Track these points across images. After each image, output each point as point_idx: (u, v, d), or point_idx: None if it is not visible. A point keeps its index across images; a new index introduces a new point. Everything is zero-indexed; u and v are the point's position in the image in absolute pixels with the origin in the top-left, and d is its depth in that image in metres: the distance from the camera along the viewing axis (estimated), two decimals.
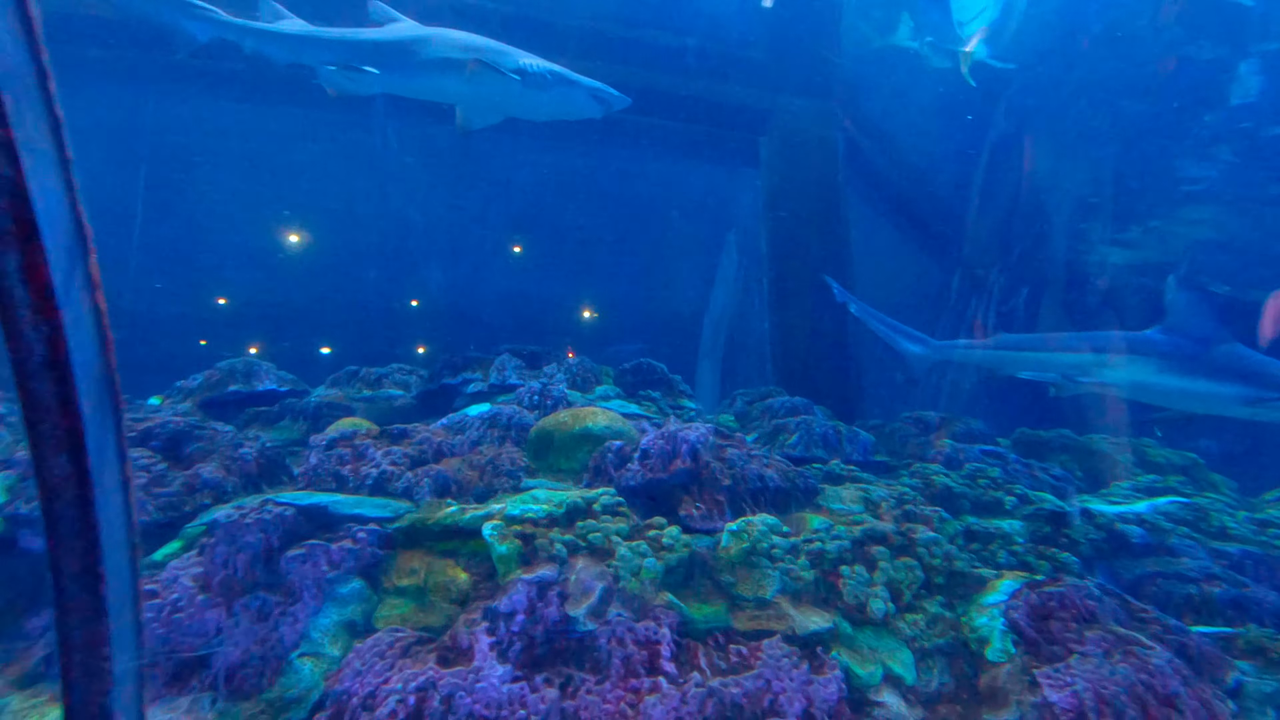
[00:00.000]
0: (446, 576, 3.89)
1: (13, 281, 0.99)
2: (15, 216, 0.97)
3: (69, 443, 1.13)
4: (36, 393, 1.09)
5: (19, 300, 1.00)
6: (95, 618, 1.30)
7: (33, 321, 1.02)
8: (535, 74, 6.34)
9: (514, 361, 7.64)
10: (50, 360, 1.05)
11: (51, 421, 1.11)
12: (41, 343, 1.04)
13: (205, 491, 4.83)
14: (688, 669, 3.21)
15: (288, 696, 3.52)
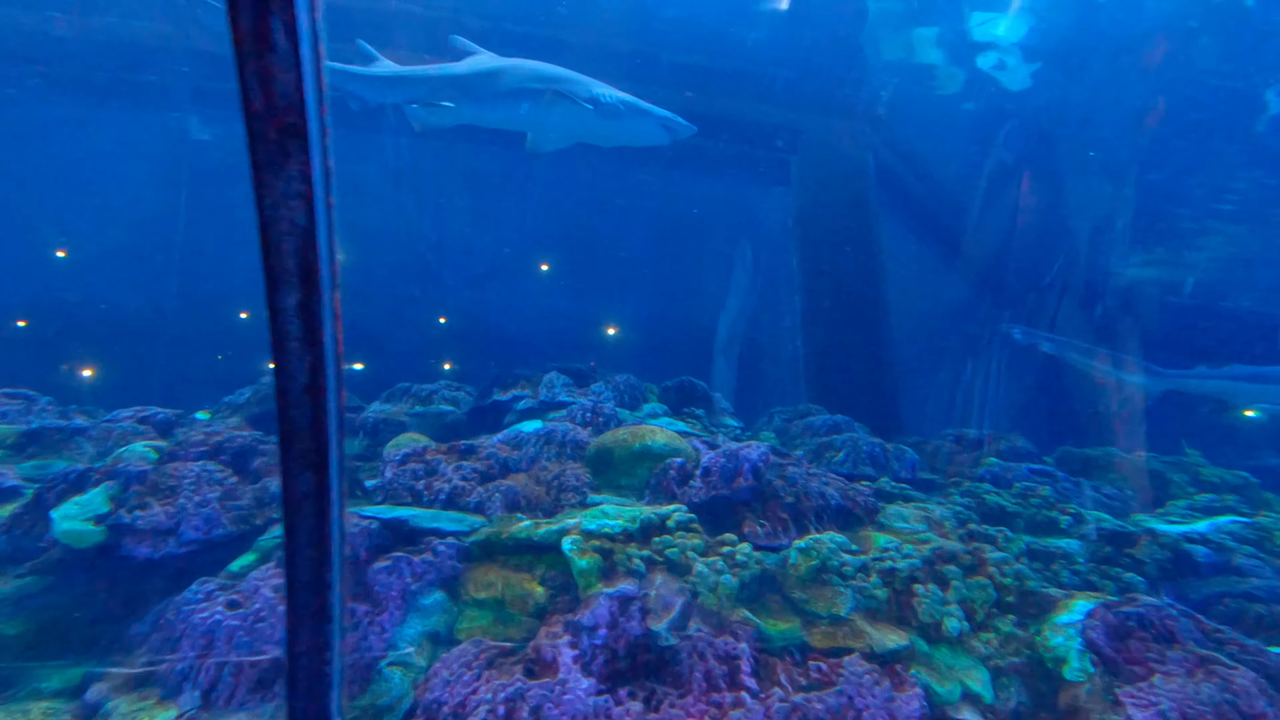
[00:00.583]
0: (523, 590, 4.01)
1: (289, 318, 1.15)
2: (302, 260, 1.13)
3: (315, 461, 1.29)
4: (294, 417, 1.24)
5: (291, 334, 1.16)
6: (321, 625, 1.45)
7: (299, 353, 1.18)
8: (608, 103, 6.56)
9: (562, 379, 7.80)
10: (309, 387, 1.21)
11: (303, 443, 1.27)
12: (304, 372, 1.19)
13: (274, 505, 5.00)
14: (768, 684, 3.29)
15: (380, 704, 3.65)
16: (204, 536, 4.57)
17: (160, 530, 4.48)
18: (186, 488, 4.68)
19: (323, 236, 1.31)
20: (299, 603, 1.53)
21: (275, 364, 1.25)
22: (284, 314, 1.14)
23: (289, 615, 1.58)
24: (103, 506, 4.50)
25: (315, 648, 1.54)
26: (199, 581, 4.27)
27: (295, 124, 1.08)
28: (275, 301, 1.18)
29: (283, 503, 1.43)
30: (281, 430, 1.29)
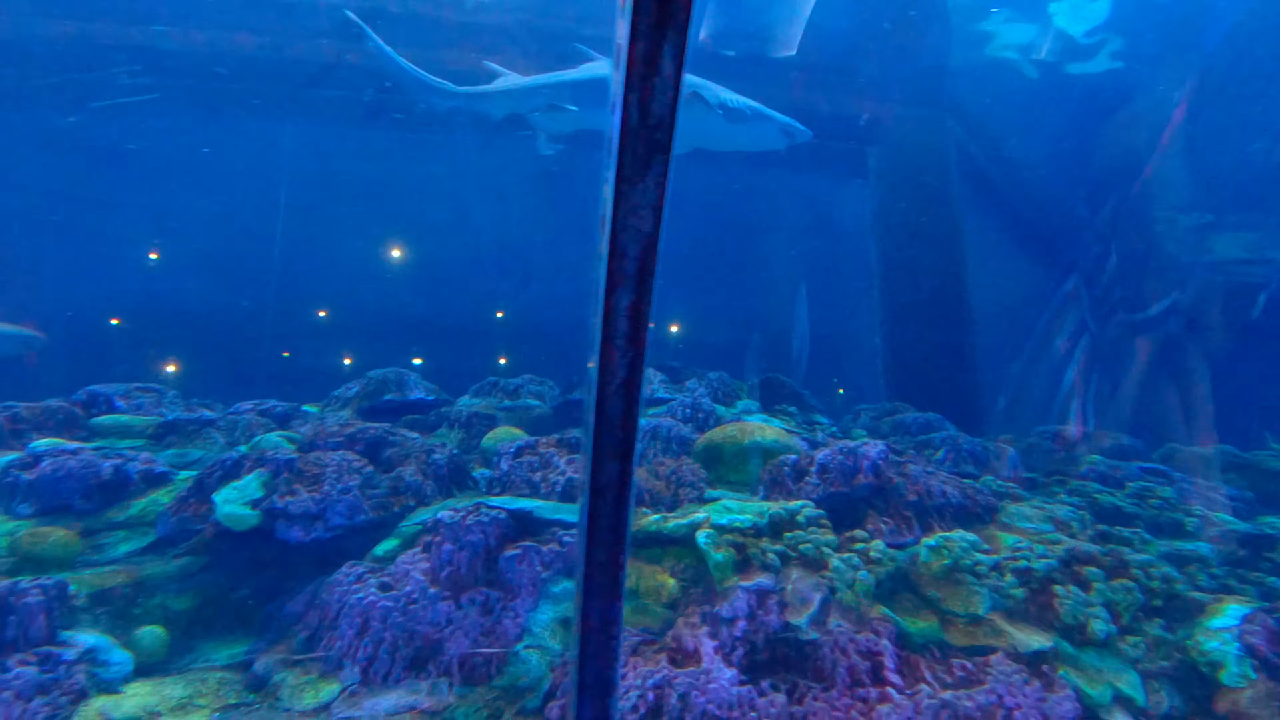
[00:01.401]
0: (655, 581, 4.15)
1: (620, 318, 1.26)
2: (641, 265, 1.24)
3: (622, 451, 1.41)
4: (609, 410, 1.36)
5: (619, 332, 1.28)
6: (612, 601, 1.58)
7: (623, 350, 1.29)
8: (735, 108, 6.66)
9: (659, 375, 7.93)
10: (626, 382, 1.32)
11: (614, 434, 1.39)
12: (625, 368, 1.31)
13: (409, 493, 5.30)
14: (913, 681, 3.33)
15: (520, 685, 3.86)
16: (347, 522, 4.88)
17: (309, 515, 4.82)
18: (330, 476, 5.01)
19: (660, 244, 1.44)
20: (594, 580, 1.69)
21: (599, 359, 1.39)
22: (616, 314, 1.27)
23: (584, 593, 1.74)
24: (257, 492, 4.87)
25: (606, 620, 1.70)
26: (349, 564, 4.58)
27: (663, 141, 1.20)
28: (610, 302, 1.32)
29: (588, 488, 1.58)
30: (596, 421, 1.43)
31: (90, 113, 12.53)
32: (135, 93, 12.32)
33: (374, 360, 11.74)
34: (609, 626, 1.70)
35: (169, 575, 4.91)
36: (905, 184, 13.31)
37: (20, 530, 5.11)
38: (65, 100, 12.41)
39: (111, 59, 11.62)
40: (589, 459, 1.49)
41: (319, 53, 12.79)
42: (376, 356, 14.61)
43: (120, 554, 5.19)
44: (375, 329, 16.20)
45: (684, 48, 1.10)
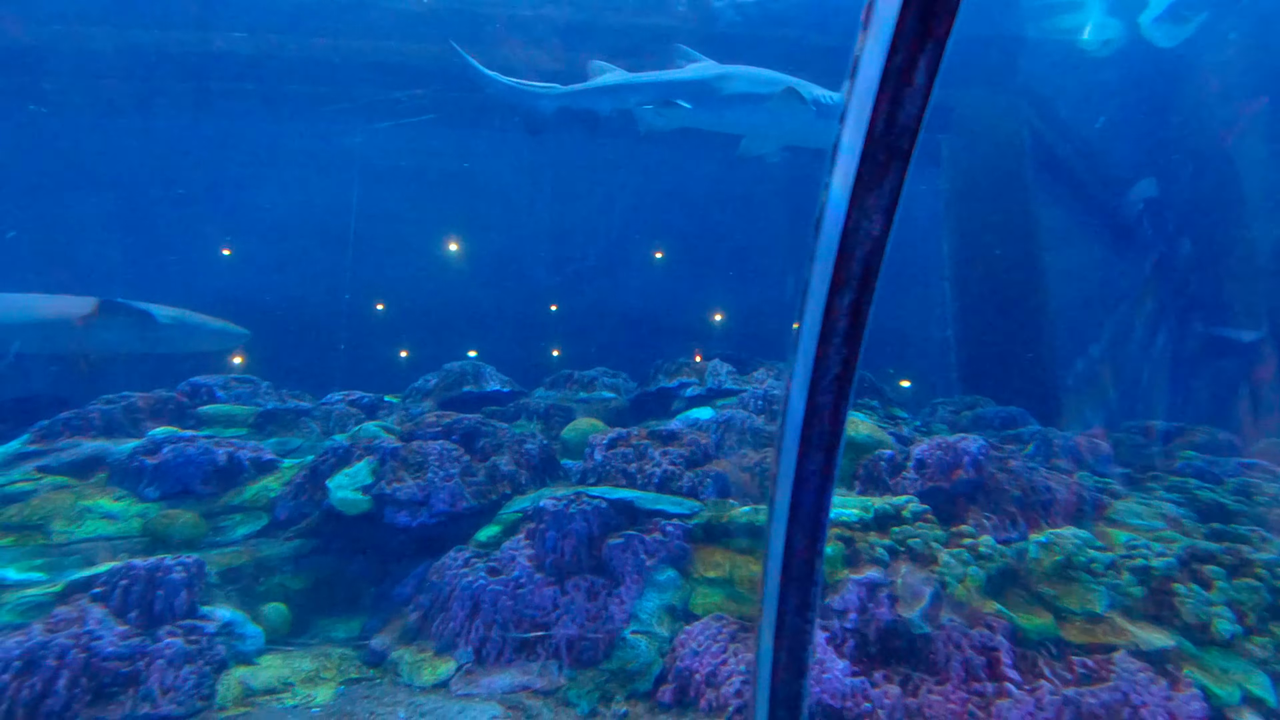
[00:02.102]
0: (750, 571, 4.22)
1: (840, 315, 1.32)
2: (866, 266, 1.29)
3: (828, 444, 1.47)
4: (820, 403, 1.42)
5: (838, 330, 1.33)
6: (808, 587, 1.65)
7: (839, 347, 1.35)
8: (830, 105, 6.69)
9: (726, 366, 7.97)
10: (839, 377, 1.38)
11: (822, 427, 1.45)
12: (839, 363, 1.37)
13: (505, 482, 5.49)
14: (1031, 677, 3.32)
15: (630, 669, 3.98)
16: (450, 509, 5.10)
17: (415, 501, 5.05)
18: (432, 464, 5.23)
19: (887, 247, 1.50)
20: (792, 566, 1.77)
21: (815, 354, 1.46)
22: (836, 312, 1.34)
23: (781, 579, 1.82)
24: (367, 479, 5.12)
25: (801, 605, 1.78)
26: (455, 549, 4.78)
27: (904, 148, 1.25)
28: (831, 301, 1.38)
29: (790, 478, 1.65)
30: (805, 414, 1.51)
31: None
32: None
33: (431, 353, 12.08)
34: (805, 611, 1.79)
35: (284, 556, 5.21)
36: (978, 171, 12.95)
37: (150, 512, 5.50)
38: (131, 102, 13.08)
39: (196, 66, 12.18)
40: (794, 450, 1.57)
41: (392, 54, 13.21)
42: (435, 349, 15.06)
43: (238, 536, 5.53)
44: (431, 322, 16.64)
45: (940, 60, 1.15)
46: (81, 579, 4.19)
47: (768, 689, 1.91)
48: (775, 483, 1.72)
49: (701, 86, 7.01)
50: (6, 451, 6.01)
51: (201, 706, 3.82)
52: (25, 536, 5.06)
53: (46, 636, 3.71)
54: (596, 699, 3.83)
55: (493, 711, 3.78)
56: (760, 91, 6.74)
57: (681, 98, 7.03)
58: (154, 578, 4.19)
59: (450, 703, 3.89)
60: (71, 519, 5.25)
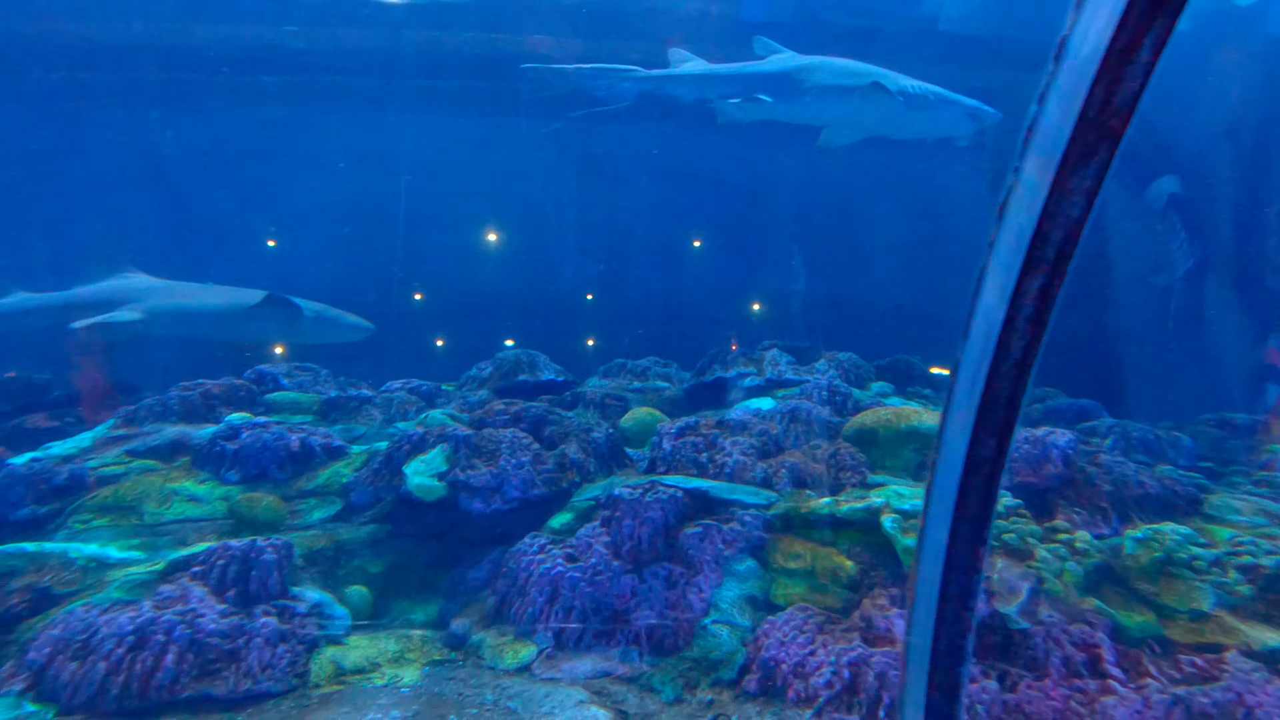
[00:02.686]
0: (833, 563, 4.19)
1: (1028, 299, 1.26)
2: (1060, 250, 1.23)
3: (1002, 430, 1.42)
4: (997, 389, 1.37)
5: (1023, 314, 1.28)
6: (972, 575, 1.61)
7: (1023, 331, 1.29)
8: (916, 95, 6.58)
9: (785, 357, 7.90)
10: (1020, 363, 1.32)
11: (998, 413, 1.40)
12: (1021, 349, 1.31)
13: (574, 470, 5.54)
14: (1135, 675, 3.25)
15: (712, 657, 4.00)
16: (522, 495, 5.16)
17: (489, 488, 5.12)
18: (504, 451, 5.29)
19: (1084, 230, 1.44)
20: (956, 552, 1.74)
21: (1000, 339, 1.42)
22: (1024, 295, 1.29)
23: (945, 563, 1.79)
24: (442, 465, 5.21)
25: (964, 592, 1.75)
26: (530, 535, 4.85)
27: (1116, 129, 1.19)
28: (1021, 284, 1.34)
29: (961, 463, 1.62)
30: (983, 399, 1.47)
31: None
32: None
33: (469, 343, 12.13)
34: (966, 599, 1.76)
35: (361, 540, 5.34)
36: None
37: (232, 495, 5.68)
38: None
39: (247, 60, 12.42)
40: (963, 436, 1.53)
41: (437, 45, 13.33)
42: (470, 338, 15.23)
43: (315, 520, 5.68)
44: (470, 312, 16.78)
45: (1169, 35, 1.10)
46: (181, 558, 4.35)
47: (924, 677, 1.89)
48: (935, 469, 1.69)
49: (784, 79, 6.93)
50: (97, 435, 6.26)
51: (297, 684, 3.94)
52: (120, 517, 5.27)
53: (155, 613, 3.86)
54: (680, 686, 3.86)
55: (579, 696, 3.83)
56: (845, 84, 6.63)
57: (764, 90, 6.95)
58: (248, 558, 4.34)
59: (535, 686, 3.95)
60: (161, 501, 5.45)
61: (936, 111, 6.60)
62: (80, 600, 4.00)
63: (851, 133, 7.34)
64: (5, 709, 3.42)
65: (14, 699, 3.50)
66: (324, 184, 14.92)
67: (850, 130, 7.31)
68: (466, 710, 3.74)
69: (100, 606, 3.89)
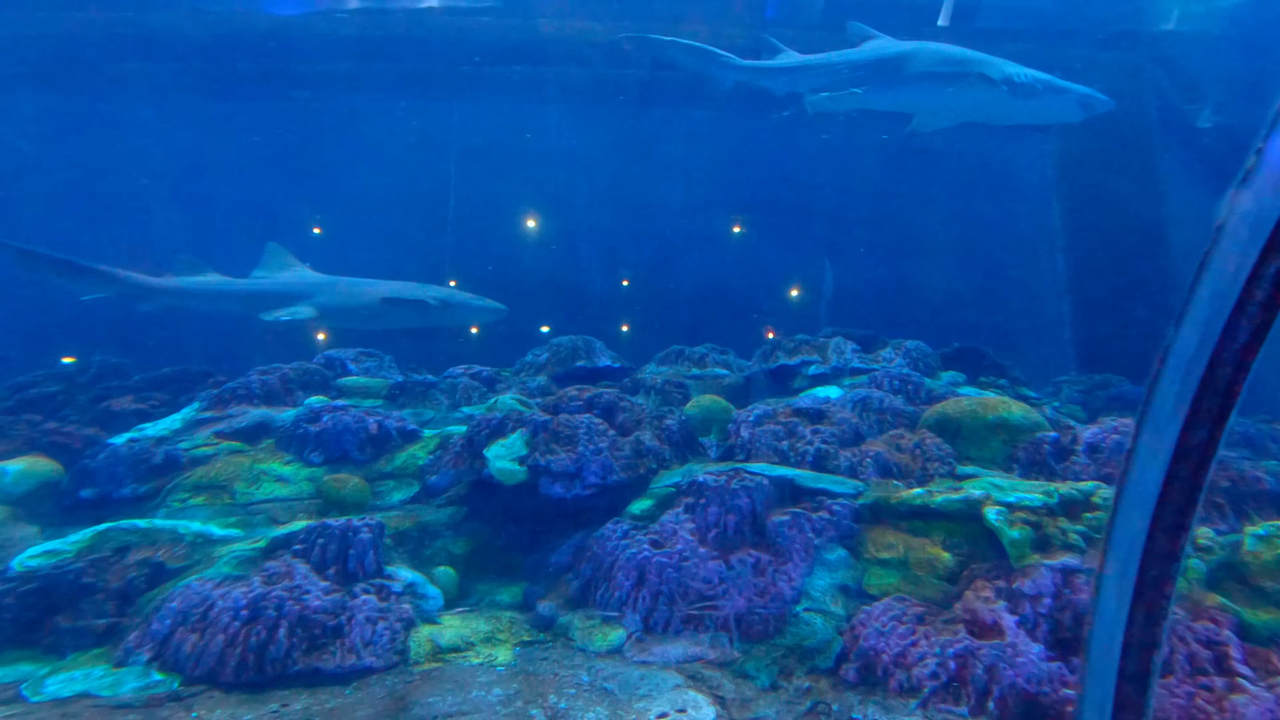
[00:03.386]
0: (928, 554, 4.14)
1: (1262, 282, 1.19)
2: None
3: (1216, 417, 1.35)
4: (1218, 374, 1.30)
5: (1254, 299, 1.20)
6: (1169, 562, 1.56)
7: (1252, 315, 1.22)
8: (1023, 83, 6.43)
9: (851, 345, 7.80)
10: (1244, 348, 1.25)
11: (1214, 399, 1.33)
12: (1248, 334, 1.24)
13: (650, 456, 5.56)
14: (1264, 674, 3.15)
15: (806, 645, 3.99)
16: (601, 481, 5.20)
17: (569, 474, 5.17)
18: (582, 437, 5.33)
19: None
20: (1157, 540, 1.70)
21: (1227, 323, 1.37)
22: (1260, 280, 1.24)
23: (1144, 550, 1.75)
24: (522, 450, 5.28)
25: (1162, 579, 1.70)
26: (613, 520, 4.89)
27: None
28: (1259, 268, 1.28)
29: (1170, 451, 1.57)
30: (1201, 385, 1.42)
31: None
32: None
33: (501, 328, 12.17)
34: (1164, 587, 1.71)
35: (442, 522, 5.45)
36: (1095, 138, 12.12)
37: (317, 476, 5.84)
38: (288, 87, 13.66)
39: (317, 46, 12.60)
40: (1173, 424, 1.48)
41: (486, 31, 13.36)
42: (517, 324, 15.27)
43: (395, 501, 5.82)
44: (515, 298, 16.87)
45: None
46: (282, 535, 4.49)
47: (1114, 665, 1.86)
48: (1133, 457, 1.64)
49: (881, 67, 6.79)
50: (185, 417, 6.49)
51: (397, 661, 4.04)
52: (213, 496, 5.46)
53: (265, 589, 4.00)
54: (776, 673, 3.86)
55: (674, 680, 3.86)
56: (946, 71, 6.47)
57: (860, 79, 6.83)
58: (346, 537, 4.45)
59: (629, 669, 3.99)
60: (250, 481, 5.63)
61: (1044, 100, 6.42)
62: (194, 575, 4.16)
63: (948, 119, 7.16)
64: (135, 677, 3.59)
65: (141, 668, 3.66)
66: (379, 172, 15.18)
67: (947, 117, 7.13)
68: (565, 690, 3.80)
69: (213, 581, 4.04)
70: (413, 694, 3.73)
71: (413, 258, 14.86)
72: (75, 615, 3.91)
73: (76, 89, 14.13)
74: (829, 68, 6.92)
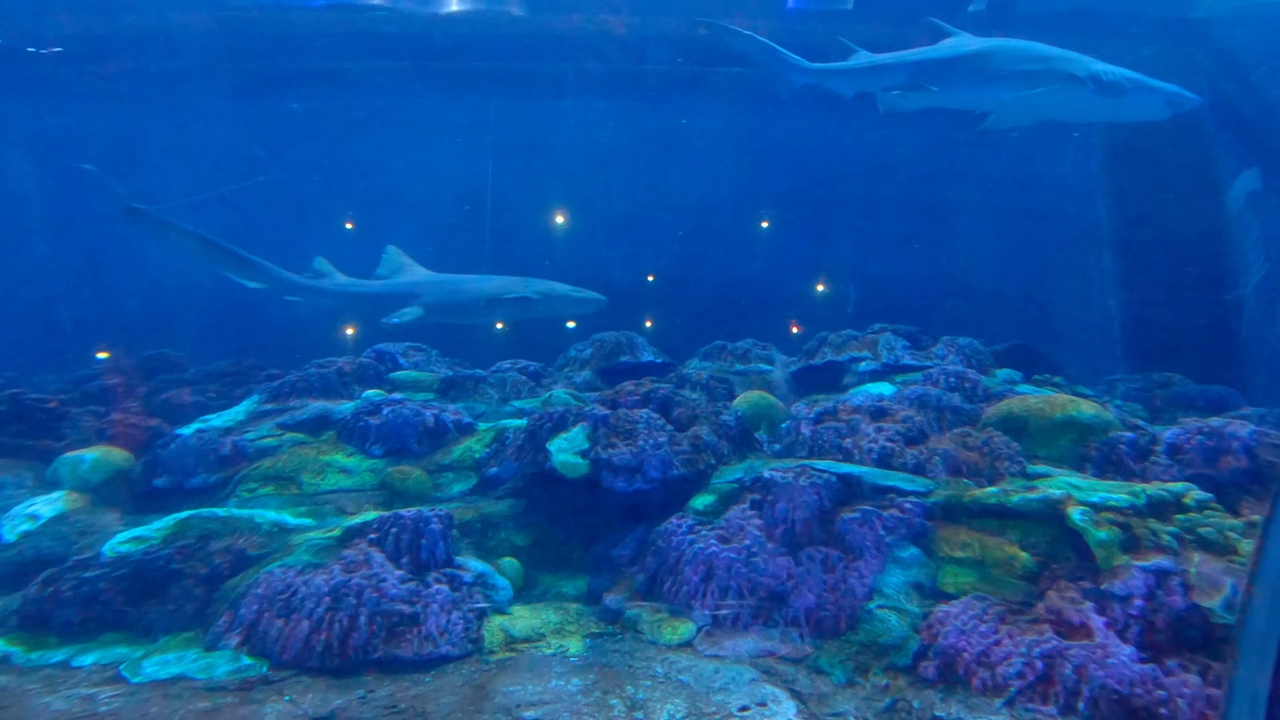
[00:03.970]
0: (1005, 553, 4.10)
1: None
2: None
3: None
4: None
5: None
6: None
7: None
8: (1110, 81, 6.31)
9: (900, 341, 7.72)
10: None
11: None
12: None
13: (708, 452, 5.56)
14: None
15: (882, 642, 3.97)
16: (662, 476, 5.21)
17: (630, 468, 5.19)
18: (641, 432, 5.35)
19: None
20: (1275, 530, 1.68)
21: None
22: None
23: (1259, 539, 1.73)
24: (584, 444, 5.31)
25: None
26: (677, 515, 4.90)
27: None
28: None
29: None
30: None
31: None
32: None
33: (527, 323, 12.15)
34: None
35: (503, 514, 5.50)
36: (1147, 127, 11.86)
37: (379, 467, 5.93)
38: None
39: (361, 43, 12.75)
40: None
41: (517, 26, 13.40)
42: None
43: (455, 493, 5.89)
44: None
45: None
46: (356, 525, 4.57)
47: (1269, 664, 1.84)
48: None
49: (957, 65, 6.69)
50: (247, 409, 6.63)
51: (472, 649, 4.10)
52: (281, 486, 5.57)
53: (345, 576, 4.08)
54: (851, 669, 3.85)
55: (750, 674, 3.87)
56: (1029, 69, 6.36)
57: (935, 78, 6.74)
58: (418, 527, 4.52)
59: (701, 662, 4.01)
60: (315, 472, 5.74)
61: (1132, 99, 6.27)
62: (275, 562, 4.25)
63: (1028, 118, 7.03)
64: (226, 660, 3.68)
65: (232, 652, 3.76)
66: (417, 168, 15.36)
67: (1027, 115, 7.00)
68: (641, 682, 3.82)
69: (295, 568, 4.13)
70: (492, 683, 3.78)
71: (449, 252, 15.02)
72: (165, 600, 4.02)
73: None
74: (904, 67, 6.83)
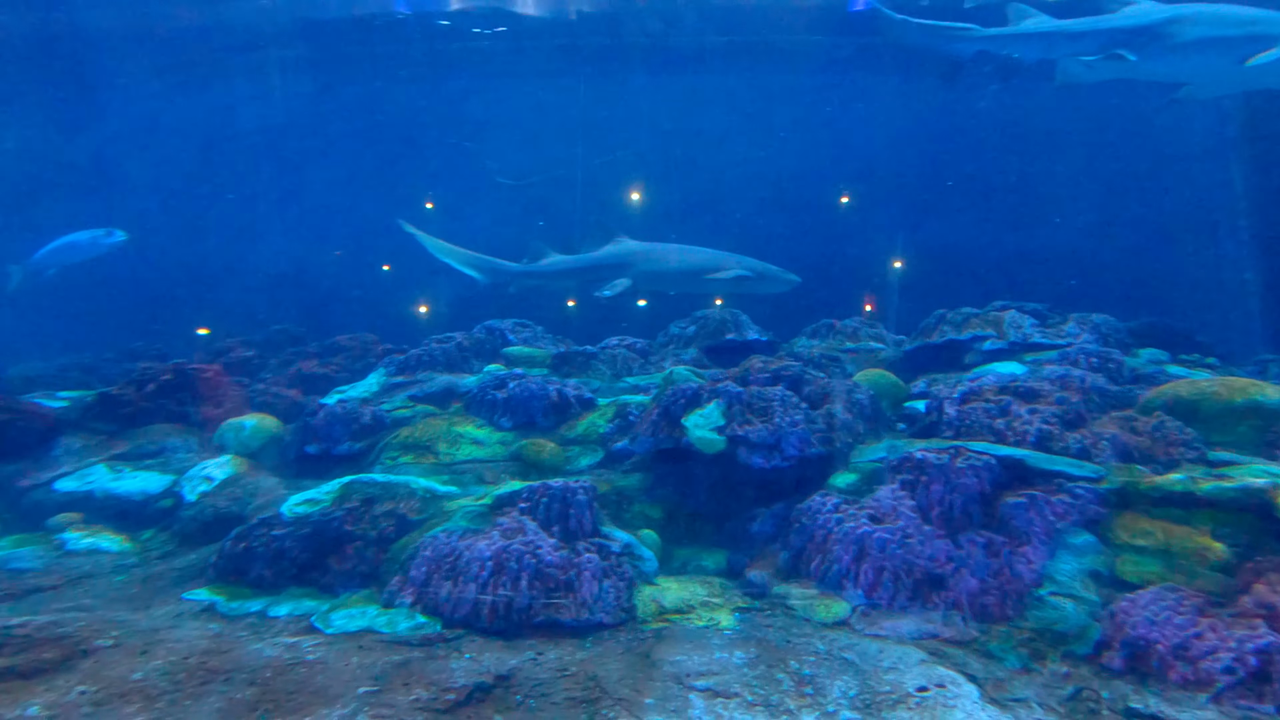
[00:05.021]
0: (1195, 544, 3.83)
1: None
2: None
3: None
4: None
5: None
6: None
7: None
8: None
9: (1027, 319, 7.34)
10: None
11: None
12: None
13: (844, 430, 5.43)
14: None
15: (1057, 629, 3.79)
16: (799, 453, 5.13)
17: (767, 445, 5.12)
18: (776, 409, 5.27)
19: None
20: None
21: None
22: None
23: None
24: (719, 420, 5.27)
25: None
26: (820, 493, 4.81)
27: None
28: None
29: None
30: None
31: None
32: None
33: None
34: None
35: (637, 488, 5.53)
36: None
37: (508, 439, 6.07)
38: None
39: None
40: None
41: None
42: None
43: (583, 465, 5.97)
44: None
45: None
46: (505, 494, 4.69)
47: None
48: None
49: (1149, 33, 6.23)
50: (379, 381, 6.90)
51: (625, 618, 4.14)
52: (419, 455, 5.78)
53: (505, 542, 4.19)
54: (1025, 656, 3.69)
55: (918, 655, 3.76)
56: (1232, 34, 5.85)
57: (1125, 45, 6.30)
58: (566, 497, 4.60)
59: (863, 641, 3.92)
60: (450, 442, 5.92)
61: None
62: (437, 527, 4.41)
63: (1230, 87, 6.49)
64: (404, 618, 3.85)
65: (407, 610, 3.93)
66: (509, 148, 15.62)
67: (1229, 84, 6.46)
68: (804, 658, 3.77)
69: (456, 533, 4.27)
70: (654, 652, 3.80)
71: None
72: (343, 559, 4.23)
73: None
74: (1088, 34, 6.38)
